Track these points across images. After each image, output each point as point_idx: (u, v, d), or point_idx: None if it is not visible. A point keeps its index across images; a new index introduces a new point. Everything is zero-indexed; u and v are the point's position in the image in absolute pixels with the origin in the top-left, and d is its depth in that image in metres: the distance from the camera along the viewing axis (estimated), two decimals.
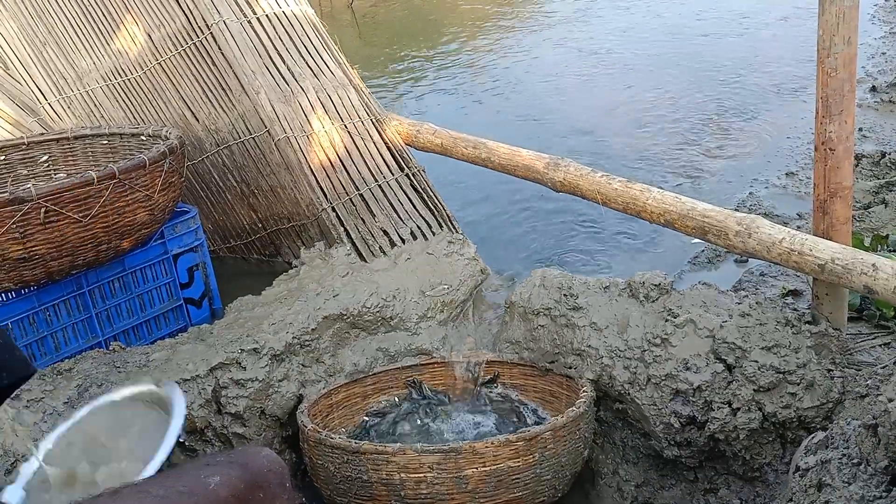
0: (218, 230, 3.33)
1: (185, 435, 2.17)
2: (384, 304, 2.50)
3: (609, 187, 2.43)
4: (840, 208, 2.06)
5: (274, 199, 2.99)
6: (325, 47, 3.02)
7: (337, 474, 2.01)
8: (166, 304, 2.67)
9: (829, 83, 1.99)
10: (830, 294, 2.11)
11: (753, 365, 1.99)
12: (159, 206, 2.43)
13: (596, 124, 4.77)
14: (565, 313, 2.29)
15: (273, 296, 2.56)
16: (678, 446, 2.10)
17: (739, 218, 2.13)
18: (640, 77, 5.55)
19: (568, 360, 2.27)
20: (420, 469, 1.91)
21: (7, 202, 2.09)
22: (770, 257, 2.06)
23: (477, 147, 2.86)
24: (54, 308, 2.40)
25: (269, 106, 2.81)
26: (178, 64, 3.04)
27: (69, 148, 2.90)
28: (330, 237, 2.77)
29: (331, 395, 2.34)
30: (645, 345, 2.13)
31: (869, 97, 4.52)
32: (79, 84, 3.34)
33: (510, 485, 1.94)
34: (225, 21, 2.85)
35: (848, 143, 2.02)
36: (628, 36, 6.67)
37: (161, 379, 1.92)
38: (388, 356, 2.48)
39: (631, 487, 2.22)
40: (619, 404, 2.21)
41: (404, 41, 7.46)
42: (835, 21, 1.94)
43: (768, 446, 2.03)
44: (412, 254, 2.68)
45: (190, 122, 3.09)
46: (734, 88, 5.13)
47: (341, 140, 2.87)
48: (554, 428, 1.98)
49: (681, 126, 4.60)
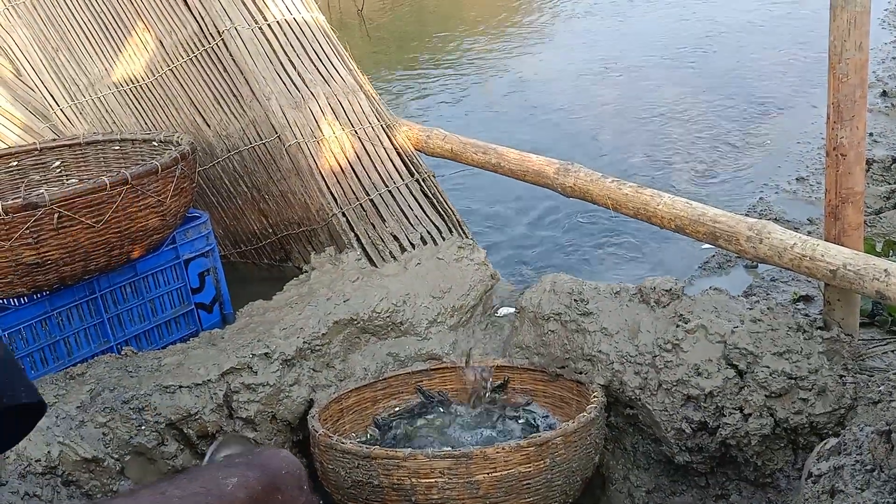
0: (229, 235, 3.34)
1: (196, 438, 2.18)
2: (394, 309, 2.50)
3: (619, 193, 2.43)
4: (851, 214, 2.06)
5: (284, 204, 3.00)
6: (335, 53, 3.03)
7: (348, 479, 2.01)
8: (178, 309, 2.68)
9: (840, 88, 1.98)
10: (842, 300, 2.10)
11: (765, 371, 1.99)
12: (171, 211, 2.44)
13: (604, 128, 4.77)
14: (576, 318, 2.29)
15: (284, 301, 2.57)
16: (689, 452, 2.09)
17: (750, 223, 2.13)
18: (648, 81, 5.55)
19: (578, 366, 2.27)
20: (431, 474, 1.91)
21: (20, 208, 2.11)
22: (781, 263, 2.05)
23: (486, 152, 2.87)
24: (67, 313, 2.42)
25: (280, 112, 2.83)
26: (189, 70, 3.06)
27: (81, 154, 2.92)
28: (340, 242, 2.78)
29: (341, 399, 2.34)
30: (656, 350, 2.13)
31: (880, 102, 4.50)
32: (91, 90, 3.37)
33: (521, 490, 1.94)
34: (236, 28, 2.87)
35: (859, 148, 2.02)
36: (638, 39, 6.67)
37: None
38: (399, 361, 2.48)
39: (642, 493, 2.22)
40: (629, 410, 2.21)
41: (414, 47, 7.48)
42: (846, 27, 1.93)
43: (780, 452, 2.02)
44: (422, 259, 2.69)
45: (201, 127, 3.11)
46: (742, 94, 5.13)
47: (351, 146, 2.88)
48: (565, 433, 1.98)
49: (688, 132, 4.60)
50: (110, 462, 2.03)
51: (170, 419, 2.14)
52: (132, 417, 2.10)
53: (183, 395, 2.17)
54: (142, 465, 2.11)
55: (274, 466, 0.93)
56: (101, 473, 2.01)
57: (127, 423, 2.09)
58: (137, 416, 2.11)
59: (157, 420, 2.12)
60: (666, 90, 5.34)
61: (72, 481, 1.97)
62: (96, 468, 2.01)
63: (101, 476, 2.01)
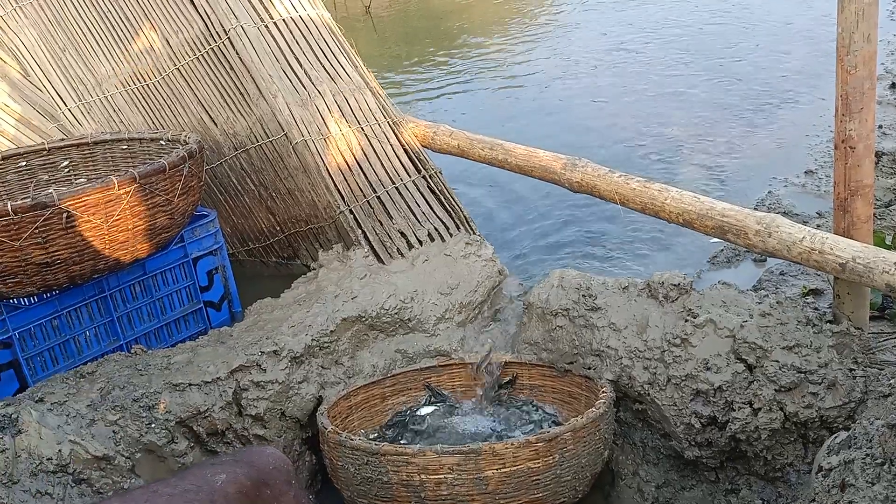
0: (236, 233, 3.35)
1: (206, 435, 2.18)
2: (402, 306, 2.51)
3: (627, 187, 2.42)
4: (861, 207, 2.05)
5: (292, 202, 3.01)
6: (341, 51, 3.04)
7: (357, 475, 2.02)
8: (186, 308, 2.69)
9: (848, 81, 1.97)
10: (852, 293, 2.09)
11: (774, 365, 1.98)
12: (179, 210, 2.45)
13: (611, 122, 4.76)
14: (584, 314, 2.29)
15: (292, 298, 2.57)
16: (699, 447, 2.09)
17: (759, 217, 2.12)
18: (656, 75, 5.53)
19: (587, 361, 2.27)
20: (440, 470, 1.91)
21: (29, 208, 2.12)
22: (790, 256, 2.04)
23: (493, 148, 2.86)
24: (76, 312, 2.43)
25: (287, 110, 2.83)
26: (196, 69, 3.06)
27: (89, 153, 2.93)
28: (347, 239, 2.78)
29: (350, 396, 2.35)
30: (665, 345, 2.13)
31: (889, 94, 4.48)
32: (98, 90, 3.38)
33: (530, 486, 1.94)
34: (242, 26, 2.87)
35: (868, 141, 2.01)
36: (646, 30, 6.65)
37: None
38: (407, 358, 2.48)
39: (651, 488, 2.21)
40: (638, 405, 2.21)
41: (420, 43, 7.48)
42: (854, 18, 1.92)
43: (790, 446, 2.01)
44: (430, 255, 2.68)
45: (208, 126, 3.12)
46: (750, 87, 5.11)
47: (358, 143, 2.88)
48: (574, 429, 1.98)
49: (697, 125, 4.58)
50: (121, 460, 2.04)
51: (179, 417, 2.14)
52: (142, 415, 2.11)
53: (192, 392, 2.18)
54: (152, 463, 2.12)
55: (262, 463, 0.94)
56: (112, 471, 2.02)
57: (137, 421, 2.10)
58: (147, 414, 2.12)
59: (166, 418, 2.13)
60: (673, 82, 5.32)
61: (83, 479, 1.98)
62: (107, 466, 2.02)
63: (112, 474, 2.02)
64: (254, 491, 0.91)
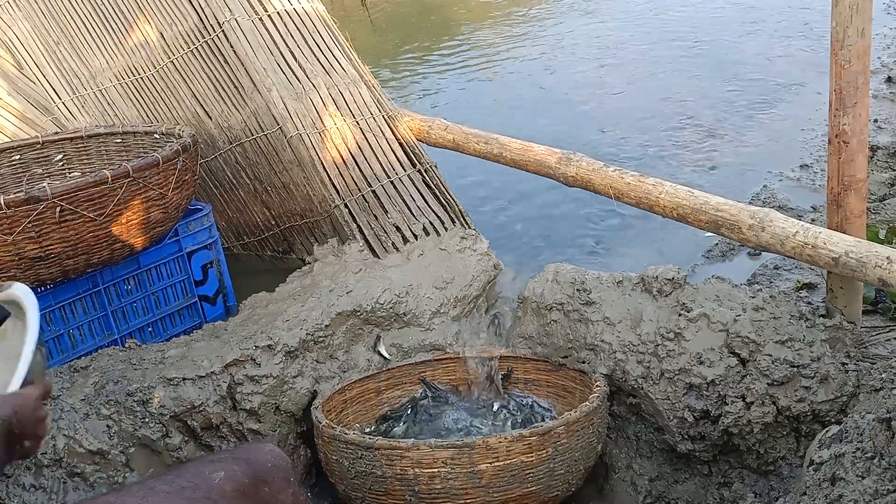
0: (231, 227, 3.34)
1: (200, 430, 2.19)
2: (397, 300, 2.51)
3: (621, 182, 2.42)
4: (854, 201, 2.05)
5: (287, 195, 3.00)
6: (336, 44, 3.03)
7: (351, 470, 2.02)
8: (181, 302, 2.69)
9: (842, 75, 1.97)
10: (845, 287, 2.09)
11: (767, 359, 1.99)
12: (173, 203, 2.44)
13: (608, 117, 4.75)
14: (578, 308, 2.29)
15: (287, 292, 2.57)
16: (692, 440, 2.10)
17: (753, 212, 2.12)
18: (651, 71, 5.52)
19: (581, 355, 2.27)
20: (434, 464, 1.92)
21: (22, 201, 2.11)
22: (784, 251, 2.05)
23: (489, 142, 2.86)
24: (70, 306, 2.42)
25: (282, 103, 2.82)
26: (190, 62, 3.05)
27: (83, 147, 2.92)
28: (343, 234, 2.78)
29: (345, 391, 2.35)
30: (658, 339, 2.13)
31: (884, 88, 4.48)
32: (92, 83, 3.37)
33: (523, 479, 1.95)
34: (236, 19, 2.86)
35: (862, 135, 2.01)
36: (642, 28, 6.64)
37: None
38: (402, 352, 2.49)
39: (645, 481, 2.22)
40: (632, 399, 2.21)
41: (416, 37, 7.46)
42: (848, 13, 1.92)
43: (782, 440, 2.02)
44: (425, 250, 2.69)
45: (203, 119, 3.11)
46: (747, 81, 5.10)
47: (353, 137, 2.88)
48: (567, 423, 1.98)
49: (693, 119, 4.58)
50: (115, 454, 2.04)
51: (174, 411, 2.15)
52: (136, 410, 2.11)
53: (187, 387, 2.18)
54: (146, 458, 2.12)
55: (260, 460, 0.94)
56: (107, 465, 2.03)
57: (131, 416, 2.10)
58: (142, 409, 2.12)
59: (161, 412, 2.13)
60: (668, 77, 5.31)
61: (77, 473, 1.98)
62: (101, 460, 2.02)
63: (106, 468, 2.02)
64: (252, 489, 0.91)
